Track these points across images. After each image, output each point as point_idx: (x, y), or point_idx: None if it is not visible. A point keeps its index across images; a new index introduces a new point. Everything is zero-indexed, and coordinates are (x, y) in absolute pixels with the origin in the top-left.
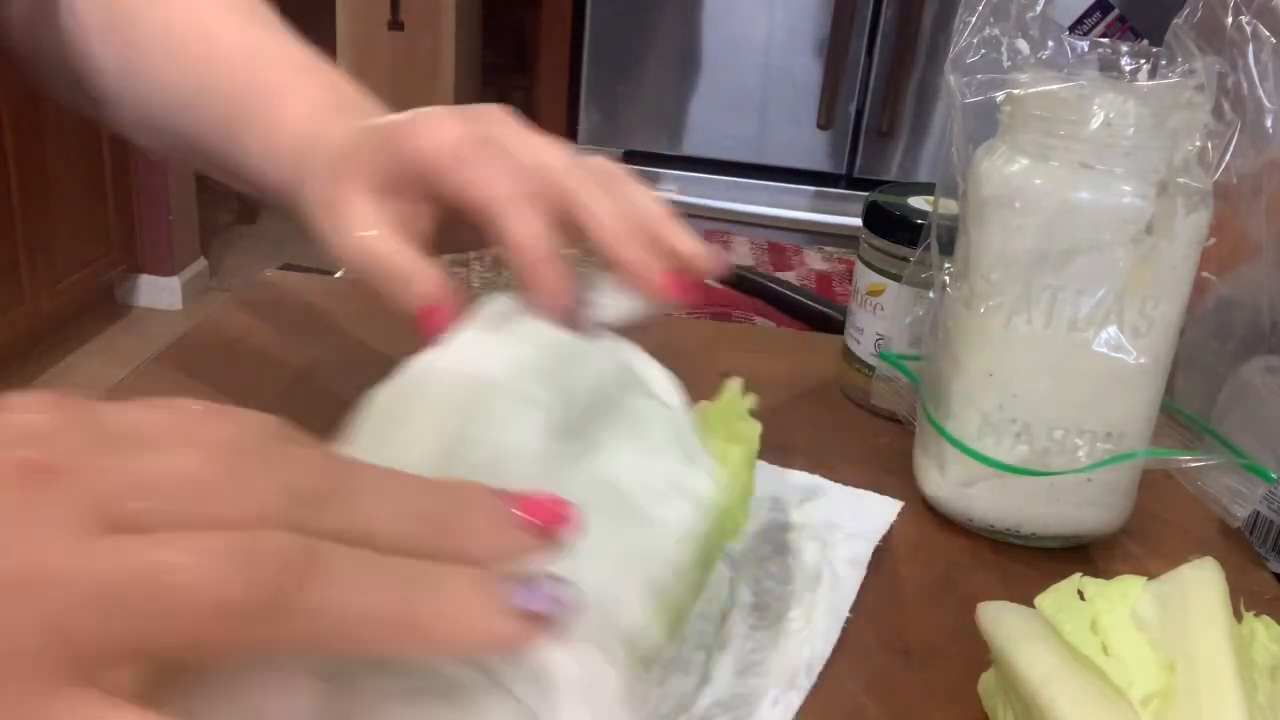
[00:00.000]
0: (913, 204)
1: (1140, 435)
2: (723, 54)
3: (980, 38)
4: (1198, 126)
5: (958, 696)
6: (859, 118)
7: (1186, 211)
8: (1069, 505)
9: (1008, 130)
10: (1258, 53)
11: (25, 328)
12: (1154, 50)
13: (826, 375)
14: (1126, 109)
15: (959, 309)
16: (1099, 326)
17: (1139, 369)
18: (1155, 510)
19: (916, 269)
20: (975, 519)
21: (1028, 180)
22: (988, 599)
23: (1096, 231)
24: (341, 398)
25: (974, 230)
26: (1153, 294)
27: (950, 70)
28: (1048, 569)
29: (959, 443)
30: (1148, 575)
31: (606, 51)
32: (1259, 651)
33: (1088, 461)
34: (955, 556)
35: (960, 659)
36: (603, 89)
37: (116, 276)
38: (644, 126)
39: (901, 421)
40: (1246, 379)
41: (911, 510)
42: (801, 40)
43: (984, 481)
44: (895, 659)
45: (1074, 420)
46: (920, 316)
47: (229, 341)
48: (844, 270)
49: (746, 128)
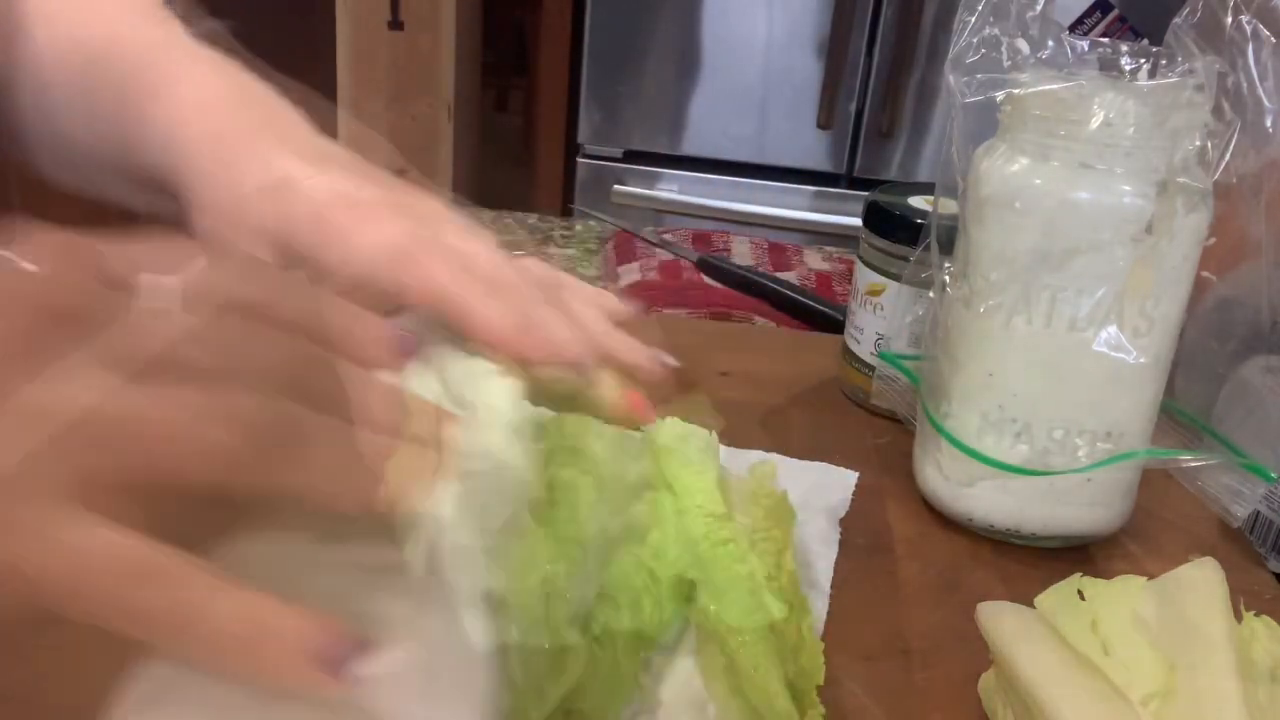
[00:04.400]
0: (913, 204)
1: (1140, 435)
2: (722, 54)
3: (980, 37)
4: (1198, 126)
5: (958, 696)
6: (859, 118)
7: (1186, 211)
8: (1069, 505)
9: (1008, 130)
10: (1258, 52)
11: None
12: (1154, 50)
13: (826, 375)
14: (1126, 109)
15: (959, 309)
16: (1099, 326)
17: (1139, 369)
18: (1155, 510)
19: (916, 269)
20: (975, 519)
21: (1027, 180)
22: (988, 599)
23: (1096, 231)
24: None
25: (974, 230)
26: (1153, 294)
27: (950, 70)
28: (1048, 569)
29: (959, 443)
30: (1148, 575)
31: (606, 51)
32: (1259, 651)
33: (1088, 461)
34: (955, 556)
35: (960, 659)
36: (603, 89)
37: None
38: (644, 126)
39: (901, 421)
40: (1246, 379)
41: (911, 510)
42: (801, 40)
43: (984, 481)
44: (895, 659)
45: (1074, 420)
46: (920, 316)
47: None
48: (844, 270)
49: (746, 127)
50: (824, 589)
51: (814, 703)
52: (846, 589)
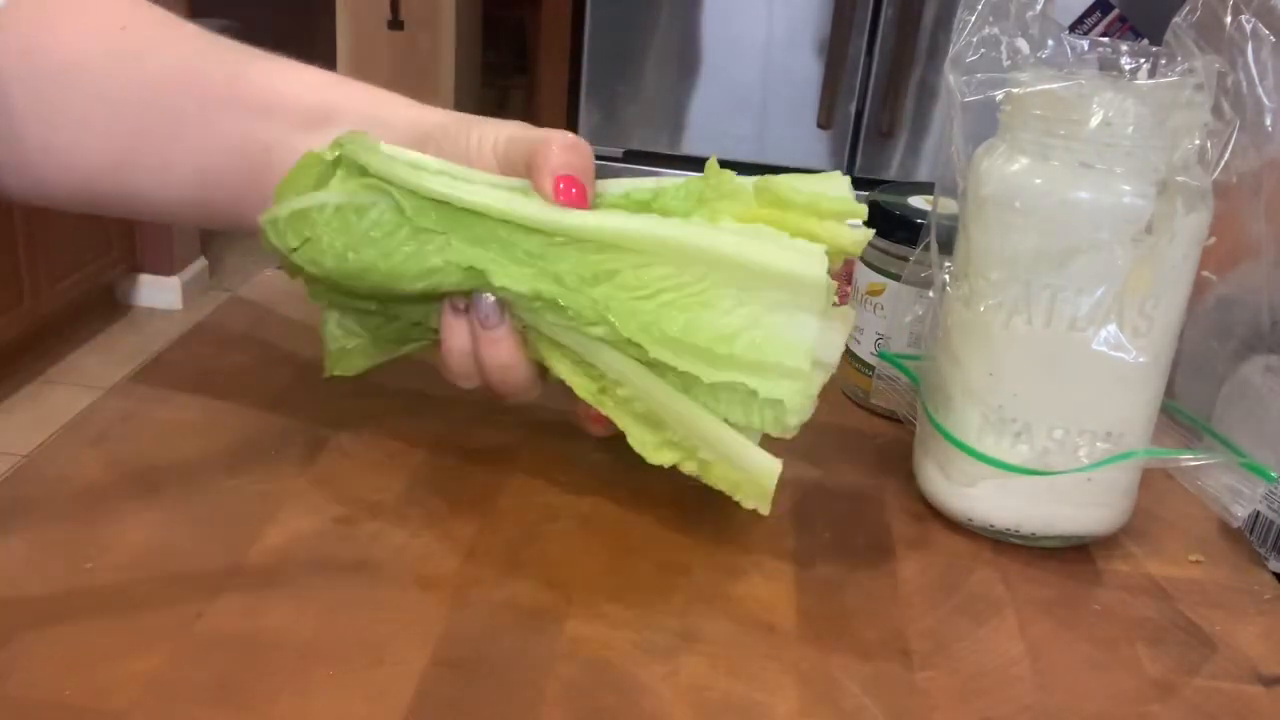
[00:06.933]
0: (913, 204)
1: (1140, 435)
2: (722, 53)
3: (980, 37)
4: (1197, 126)
5: (958, 696)
6: (859, 118)
7: (1186, 211)
8: (1069, 505)
9: (1007, 129)
10: (1257, 52)
11: (25, 328)
12: (1154, 50)
13: None
14: (1126, 108)
15: (959, 308)
16: (1099, 326)
17: (1139, 368)
18: (1155, 510)
19: (916, 268)
20: (975, 519)
21: (1027, 180)
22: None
23: (1096, 231)
24: (341, 397)
25: (974, 229)
26: (1153, 294)
27: (950, 69)
28: (1048, 569)
29: (959, 442)
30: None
31: (606, 51)
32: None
33: (1088, 461)
34: (955, 556)
35: (960, 659)
36: (603, 89)
37: (116, 276)
38: (644, 126)
39: (901, 421)
40: (1246, 379)
41: (911, 510)
42: (801, 40)
43: (984, 481)
44: (895, 659)
45: (1074, 420)
46: (920, 316)
47: (229, 341)
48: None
49: (746, 127)
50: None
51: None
52: (846, 589)
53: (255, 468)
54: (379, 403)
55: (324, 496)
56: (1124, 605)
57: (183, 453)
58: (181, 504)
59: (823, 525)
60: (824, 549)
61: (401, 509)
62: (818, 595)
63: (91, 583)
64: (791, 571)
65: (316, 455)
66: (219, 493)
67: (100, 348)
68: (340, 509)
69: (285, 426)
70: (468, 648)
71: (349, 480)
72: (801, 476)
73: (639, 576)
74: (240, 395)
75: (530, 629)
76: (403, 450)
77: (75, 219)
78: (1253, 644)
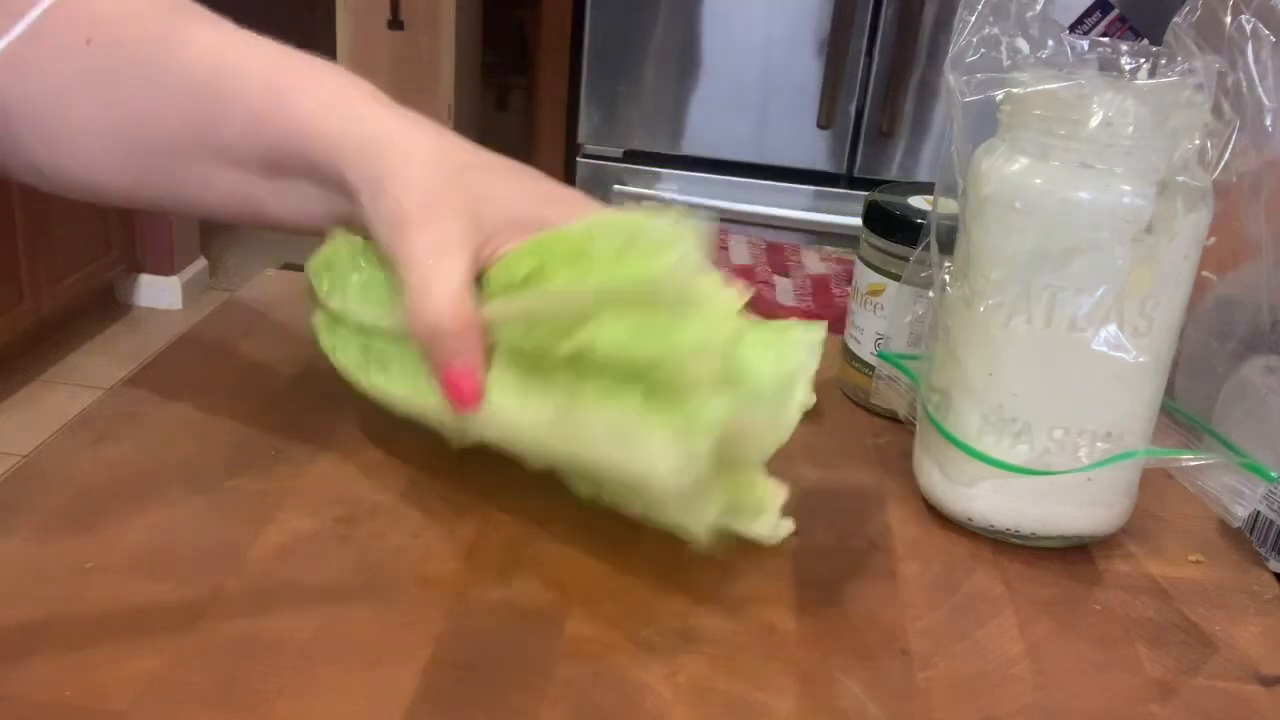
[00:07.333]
0: (913, 204)
1: (1140, 435)
2: (722, 54)
3: (980, 37)
4: (1197, 126)
5: (958, 696)
6: (859, 118)
7: (1186, 211)
8: (1069, 505)
9: (1007, 129)
10: (1257, 52)
11: (25, 328)
12: (1154, 49)
13: (826, 375)
14: (1126, 108)
15: (959, 308)
16: (1099, 326)
17: (1139, 368)
18: (1155, 510)
19: (916, 268)
20: (975, 519)
21: (1028, 180)
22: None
23: (1096, 231)
24: (341, 397)
25: (974, 230)
26: (1153, 294)
27: (950, 69)
28: (1048, 569)
29: (959, 442)
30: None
31: (606, 51)
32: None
33: (1088, 461)
34: (955, 556)
35: (960, 659)
36: (603, 89)
37: (116, 276)
38: (644, 126)
39: (901, 421)
40: (1246, 379)
41: (911, 510)
42: (801, 40)
43: (984, 481)
44: (895, 659)
45: (1074, 420)
46: (920, 316)
47: (229, 341)
48: (841, 272)
49: (746, 127)
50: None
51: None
52: (846, 589)
53: (255, 468)
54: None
55: (324, 496)
56: (1124, 605)
57: (183, 453)
58: (181, 504)
59: (823, 525)
60: (824, 549)
61: (401, 509)
62: (818, 595)
63: (91, 583)
64: (791, 571)
65: (316, 455)
66: (219, 493)
67: (100, 348)
68: (340, 509)
69: (285, 426)
70: (468, 648)
71: (349, 480)
72: (801, 476)
73: (639, 576)
74: (240, 395)
75: (530, 629)
76: (403, 450)
77: (75, 218)
78: (1253, 644)
